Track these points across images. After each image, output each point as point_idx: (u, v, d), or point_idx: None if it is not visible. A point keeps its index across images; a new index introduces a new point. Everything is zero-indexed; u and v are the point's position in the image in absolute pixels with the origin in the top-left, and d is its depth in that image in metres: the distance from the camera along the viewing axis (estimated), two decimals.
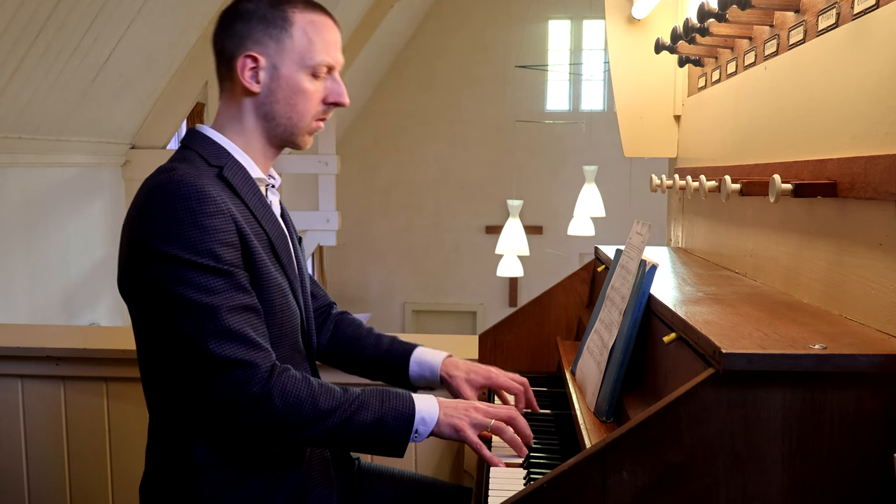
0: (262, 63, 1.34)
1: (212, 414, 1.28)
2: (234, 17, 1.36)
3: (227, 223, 1.26)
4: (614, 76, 2.20)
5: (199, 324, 1.22)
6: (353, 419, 1.27)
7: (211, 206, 1.24)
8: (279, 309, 1.35)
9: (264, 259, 1.32)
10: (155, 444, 1.39)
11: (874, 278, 1.10)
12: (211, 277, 1.23)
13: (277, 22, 1.34)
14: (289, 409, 1.24)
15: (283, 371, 1.27)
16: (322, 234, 7.13)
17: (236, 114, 1.39)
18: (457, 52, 9.61)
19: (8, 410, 2.13)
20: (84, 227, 4.92)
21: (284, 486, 1.36)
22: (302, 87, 1.36)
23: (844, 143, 1.19)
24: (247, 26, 1.35)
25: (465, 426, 1.31)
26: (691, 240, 2.11)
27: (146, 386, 1.39)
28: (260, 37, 1.34)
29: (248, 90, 1.36)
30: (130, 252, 1.29)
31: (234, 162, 1.36)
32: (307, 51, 1.35)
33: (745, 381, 0.95)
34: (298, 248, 1.51)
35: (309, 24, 1.36)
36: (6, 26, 3.37)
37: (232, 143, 1.38)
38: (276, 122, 1.38)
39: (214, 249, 1.23)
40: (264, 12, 1.35)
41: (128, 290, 1.33)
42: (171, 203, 1.24)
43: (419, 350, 1.59)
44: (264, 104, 1.37)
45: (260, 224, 1.34)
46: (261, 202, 1.37)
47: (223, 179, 1.33)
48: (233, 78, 1.37)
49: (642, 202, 7.20)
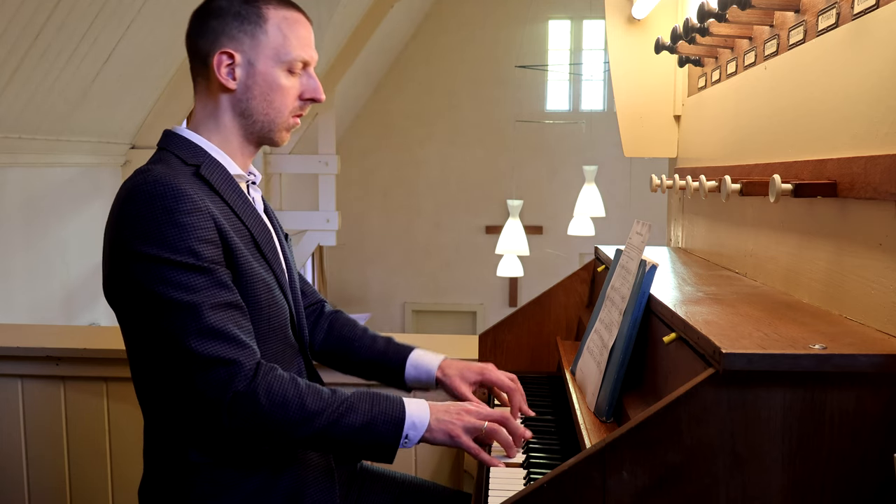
0: (237, 59, 1.34)
1: (197, 414, 1.28)
2: (208, 15, 1.36)
3: (205, 220, 1.25)
4: (614, 76, 2.20)
5: (182, 322, 1.22)
6: (341, 421, 1.25)
7: (187, 203, 1.24)
8: (265, 304, 1.34)
9: (246, 255, 1.31)
10: (151, 447, 1.39)
11: (874, 278, 1.10)
12: (192, 275, 1.23)
13: (252, 18, 1.35)
14: (275, 409, 1.23)
15: (270, 370, 1.26)
16: (322, 234, 7.13)
17: (212, 111, 1.39)
18: (457, 52, 9.61)
19: (8, 410, 2.13)
20: (84, 227, 4.92)
21: (282, 484, 1.36)
22: (278, 82, 1.37)
23: (844, 143, 1.19)
24: (221, 23, 1.35)
25: (459, 432, 1.30)
26: (691, 240, 2.11)
27: (138, 389, 1.39)
28: (235, 33, 1.34)
29: (224, 87, 1.36)
30: (112, 256, 1.28)
31: (210, 160, 1.36)
32: (282, 46, 1.36)
33: (745, 381, 0.95)
34: (285, 245, 1.51)
35: (283, 21, 1.36)
36: (6, 26, 3.37)
37: (208, 142, 1.38)
38: (254, 118, 1.38)
39: (194, 247, 1.23)
40: (238, 9, 1.35)
41: (113, 295, 1.33)
42: (148, 203, 1.23)
43: (416, 352, 1.59)
44: (241, 101, 1.37)
45: (241, 220, 1.34)
46: (241, 198, 1.37)
47: (200, 177, 1.32)
48: (208, 76, 1.37)
49: (642, 202, 7.20)
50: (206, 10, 1.37)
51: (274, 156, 7.07)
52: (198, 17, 1.38)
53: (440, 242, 9.92)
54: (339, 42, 6.89)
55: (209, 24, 1.36)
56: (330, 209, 7.08)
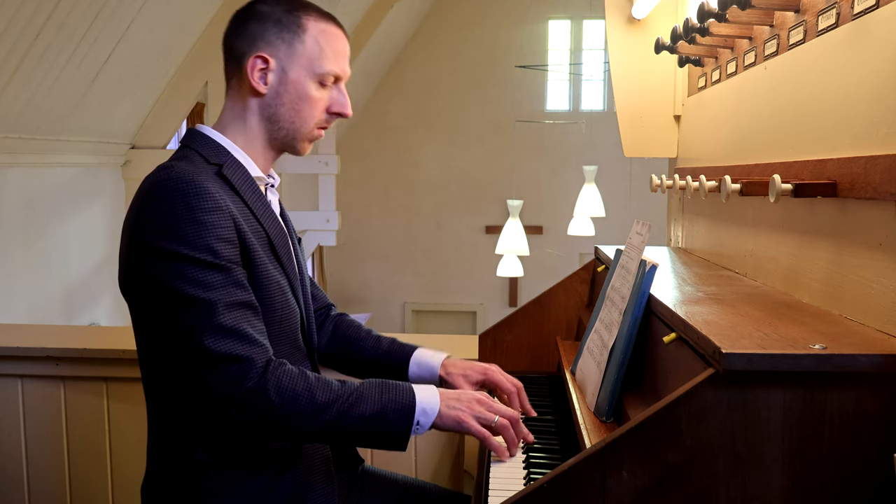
0: (272, 65, 1.36)
1: (208, 410, 1.28)
2: (249, 18, 1.38)
3: (225, 219, 1.26)
4: (614, 76, 2.20)
5: (196, 319, 1.22)
6: (351, 412, 1.25)
7: (209, 202, 1.25)
8: (279, 307, 1.35)
9: (263, 257, 1.32)
10: (155, 445, 1.39)
11: (874, 278, 1.10)
12: (209, 273, 1.23)
13: (291, 27, 1.36)
14: (285, 404, 1.23)
15: (279, 365, 1.26)
16: (322, 234, 7.13)
17: (240, 113, 1.40)
18: (457, 52, 9.61)
19: (8, 410, 2.13)
20: (84, 227, 4.92)
21: (285, 485, 1.36)
22: (308, 93, 1.38)
23: (844, 143, 1.19)
24: (261, 27, 1.36)
25: (468, 418, 1.31)
26: (691, 240, 2.11)
27: (146, 385, 1.39)
28: (272, 39, 1.36)
29: (255, 90, 1.37)
30: (130, 250, 1.29)
31: (233, 160, 1.37)
32: (317, 58, 1.37)
33: (745, 381, 0.95)
34: (298, 248, 1.51)
35: (321, 33, 1.38)
36: (6, 26, 3.37)
37: (232, 143, 1.39)
38: (280, 125, 1.40)
39: (212, 245, 1.23)
40: (279, 16, 1.36)
41: (128, 289, 1.33)
42: (169, 199, 1.24)
43: (419, 351, 1.59)
44: (270, 106, 1.38)
45: (259, 222, 1.35)
46: (260, 201, 1.38)
47: (222, 177, 1.33)
48: (241, 77, 1.38)
49: (642, 202, 7.21)
50: (248, 13, 1.39)
51: None
52: (238, 18, 1.40)
53: (440, 242, 9.92)
54: None
55: (249, 27, 1.37)
56: (330, 209, 7.08)
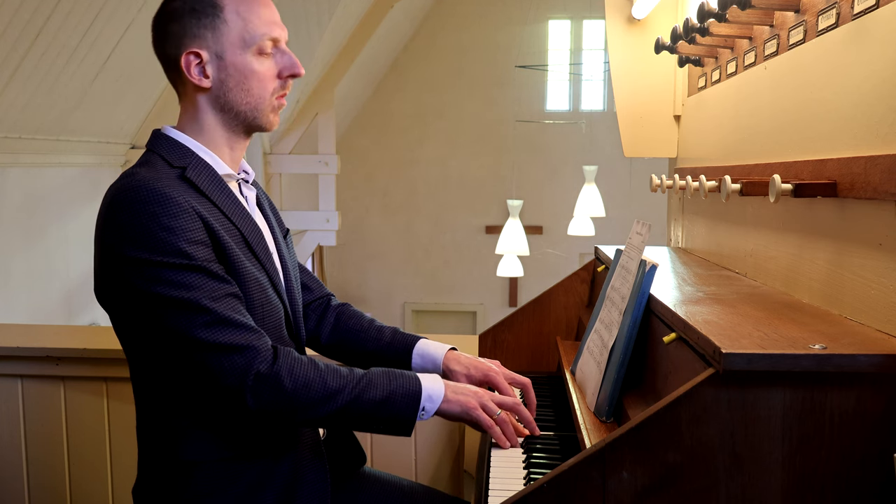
0: (205, 57, 1.33)
1: (218, 403, 1.28)
2: (166, 20, 1.35)
3: (193, 222, 1.25)
4: (614, 76, 2.20)
5: (188, 318, 1.23)
6: (362, 397, 1.28)
7: (173, 207, 1.24)
8: (258, 304, 1.34)
9: (239, 255, 1.31)
10: (144, 447, 1.40)
11: (874, 278, 1.10)
12: (187, 274, 1.23)
13: (207, 11, 1.33)
14: (298, 389, 1.25)
15: (289, 353, 1.28)
16: (322, 234, 7.13)
17: (194, 114, 1.38)
18: (457, 52, 9.60)
19: (8, 410, 2.13)
20: (84, 227, 4.92)
21: (274, 482, 1.36)
22: (252, 68, 1.34)
23: (844, 143, 1.19)
24: (179, 24, 1.33)
25: (475, 405, 1.33)
26: (691, 240, 2.11)
27: (135, 389, 1.39)
28: (195, 31, 1.33)
29: (199, 87, 1.35)
30: (103, 260, 1.29)
31: (198, 160, 1.35)
32: (245, 30, 1.33)
33: (744, 381, 0.95)
34: (282, 241, 1.50)
35: (239, 4, 1.34)
36: (6, 27, 3.37)
37: (195, 142, 1.37)
38: (235, 110, 1.37)
39: (184, 248, 1.23)
40: (192, 5, 1.33)
41: (106, 298, 1.33)
42: (133, 209, 1.24)
43: (422, 342, 1.59)
44: (219, 97, 1.36)
45: (231, 221, 1.33)
46: (230, 199, 1.36)
47: (186, 180, 1.31)
48: (183, 79, 1.36)
49: (642, 202, 7.20)
50: (163, 16, 1.36)
51: (274, 156, 7.07)
52: (157, 23, 1.37)
53: (440, 242, 9.92)
54: (339, 42, 6.89)
55: (169, 29, 1.34)
56: (330, 209, 7.08)
